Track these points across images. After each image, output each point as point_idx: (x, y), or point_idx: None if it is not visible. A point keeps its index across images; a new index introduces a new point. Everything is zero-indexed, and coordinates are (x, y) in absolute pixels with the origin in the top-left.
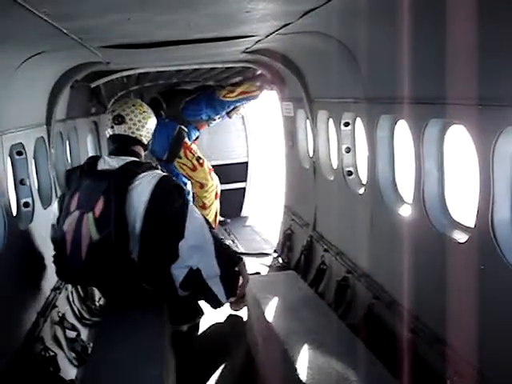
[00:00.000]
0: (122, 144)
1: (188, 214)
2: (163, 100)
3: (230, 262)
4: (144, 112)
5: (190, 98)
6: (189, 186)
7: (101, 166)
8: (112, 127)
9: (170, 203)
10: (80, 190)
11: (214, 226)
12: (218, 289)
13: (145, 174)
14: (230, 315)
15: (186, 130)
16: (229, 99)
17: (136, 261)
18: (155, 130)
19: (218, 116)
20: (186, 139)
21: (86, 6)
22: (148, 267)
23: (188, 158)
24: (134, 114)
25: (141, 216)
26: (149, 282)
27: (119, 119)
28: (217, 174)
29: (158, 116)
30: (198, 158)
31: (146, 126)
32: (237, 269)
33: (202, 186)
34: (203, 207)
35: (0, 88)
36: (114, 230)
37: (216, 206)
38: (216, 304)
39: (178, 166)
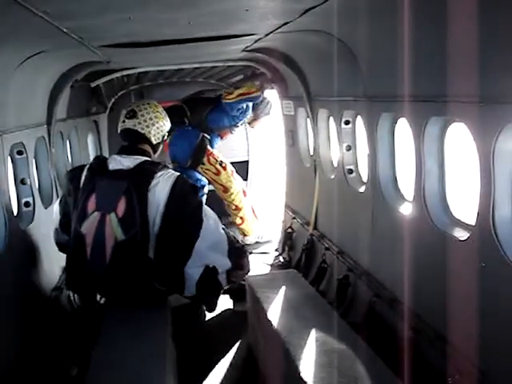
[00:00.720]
0: (131, 141)
1: (203, 214)
2: (187, 108)
3: (239, 258)
4: (157, 112)
5: (214, 106)
6: (205, 189)
7: (112, 165)
8: (124, 121)
9: (188, 203)
10: (96, 190)
11: (255, 217)
12: (224, 279)
13: (161, 172)
14: (232, 314)
15: (208, 137)
16: (229, 101)
17: (152, 259)
18: (177, 137)
19: (241, 122)
20: (209, 147)
21: (86, 5)
22: (162, 266)
23: (211, 164)
24: (146, 111)
25: (160, 215)
26: (162, 281)
27: (131, 113)
28: None
29: (181, 123)
30: (221, 163)
31: (157, 124)
32: (243, 263)
33: (225, 189)
34: (237, 209)
35: (0, 87)
36: (140, 230)
37: (248, 203)
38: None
39: (202, 171)
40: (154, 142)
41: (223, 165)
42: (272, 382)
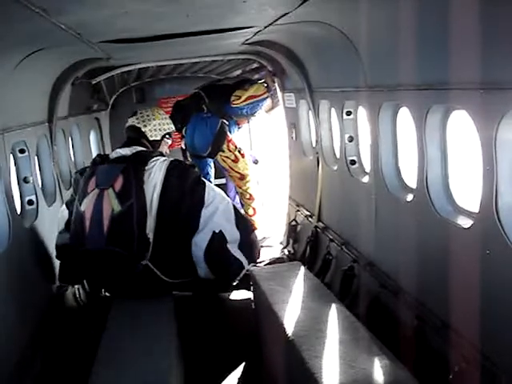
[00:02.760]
0: (130, 135)
1: (206, 183)
2: (205, 95)
3: (248, 229)
4: (156, 112)
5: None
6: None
7: (112, 155)
8: (127, 121)
9: (186, 177)
10: (96, 173)
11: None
12: (239, 254)
13: (156, 158)
14: (237, 307)
15: (227, 123)
16: (237, 105)
17: (151, 241)
18: (195, 125)
19: (258, 112)
20: (228, 133)
21: (82, 1)
22: (163, 248)
23: (231, 151)
24: (145, 110)
25: (158, 194)
26: (163, 267)
27: (133, 113)
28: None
29: (200, 110)
30: (240, 150)
31: (153, 122)
32: (253, 237)
33: (242, 177)
34: (251, 198)
35: (1, 86)
36: (136, 204)
37: (258, 194)
38: (237, 269)
39: (220, 160)
40: (150, 138)
41: (241, 152)
42: (278, 374)
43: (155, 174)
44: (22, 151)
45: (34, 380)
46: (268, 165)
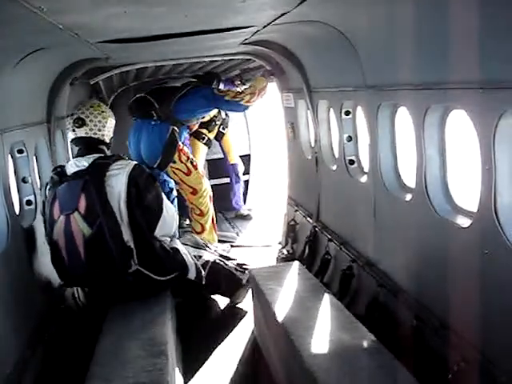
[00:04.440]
0: (87, 146)
1: (163, 204)
2: (154, 99)
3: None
4: (103, 112)
5: (180, 95)
6: (174, 192)
7: (70, 170)
8: (73, 130)
9: (148, 186)
10: (58, 196)
11: (214, 230)
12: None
13: (117, 163)
14: (236, 307)
15: (178, 130)
16: (246, 103)
17: (133, 248)
18: (142, 133)
19: (208, 114)
20: (179, 141)
21: (80, 1)
22: (147, 249)
23: (182, 162)
24: (93, 116)
25: (124, 202)
26: (152, 268)
27: (79, 122)
28: (218, 167)
29: (148, 117)
30: (192, 161)
31: (107, 125)
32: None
33: (194, 191)
34: (201, 215)
35: None
36: (104, 220)
37: (212, 210)
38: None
39: (170, 172)
40: (108, 141)
41: (194, 163)
42: (278, 374)
43: (117, 182)
44: (20, 151)
45: (32, 380)
46: (266, 164)
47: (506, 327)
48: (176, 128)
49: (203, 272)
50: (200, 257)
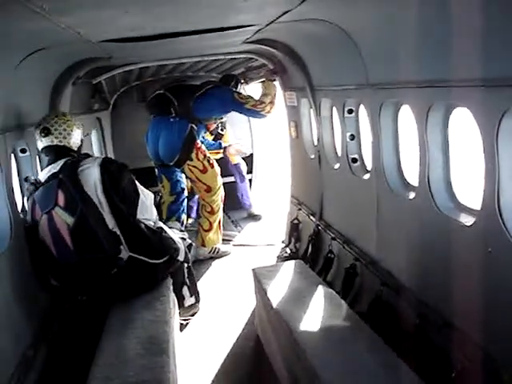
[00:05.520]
0: (55, 154)
1: (139, 190)
2: (173, 96)
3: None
4: (68, 121)
5: (200, 94)
6: (185, 192)
7: (43, 177)
8: (41, 140)
9: (121, 172)
10: (36, 201)
11: (219, 231)
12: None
13: (86, 159)
14: (239, 305)
15: (196, 128)
16: (262, 111)
17: (119, 234)
18: (161, 130)
19: (225, 115)
20: (197, 139)
21: (82, 0)
22: (135, 235)
23: (199, 160)
24: (58, 124)
25: (101, 190)
26: (145, 251)
27: (45, 131)
28: (222, 166)
29: (166, 114)
30: (209, 159)
31: (72, 133)
32: None
33: (208, 189)
34: (211, 212)
35: (1, 86)
36: (85, 208)
37: (221, 211)
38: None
39: (187, 170)
40: (76, 149)
41: (210, 161)
42: (280, 372)
43: (91, 174)
44: (23, 151)
45: (35, 379)
46: (269, 163)
47: (509, 325)
48: (194, 126)
49: (189, 255)
50: (184, 239)
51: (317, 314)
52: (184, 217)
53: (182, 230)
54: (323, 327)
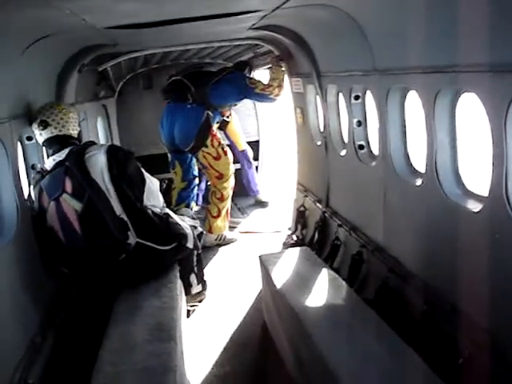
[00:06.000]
0: (58, 144)
1: (145, 176)
2: (190, 83)
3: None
4: (63, 109)
5: (216, 80)
6: (196, 180)
7: (49, 166)
8: (40, 134)
9: (127, 159)
10: (43, 188)
11: (227, 219)
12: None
13: (92, 147)
14: (245, 292)
15: (212, 115)
16: (270, 94)
17: (126, 220)
18: (177, 116)
19: (240, 102)
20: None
21: None
22: (142, 221)
23: (214, 147)
24: (54, 115)
25: (108, 177)
26: (152, 238)
27: (43, 124)
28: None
29: (183, 101)
30: (223, 147)
31: (70, 120)
32: None
33: (220, 176)
34: (221, 199)
35: (7, 74)
36: (92, 193)
37: (230, 199)
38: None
39: (201, 156)
40: (75, 135)
41: (224, 149)
42: (287, 359)
43: (97, 161)
44: (29, 138)
45: (43, 366)
46: (275, 150)
47: None
48: (210, 113)
49: (198, 242)
50: (195, 227)
51: (323, 300)
52: (193, 204)
53: (193, 218)
54: (330, 314)
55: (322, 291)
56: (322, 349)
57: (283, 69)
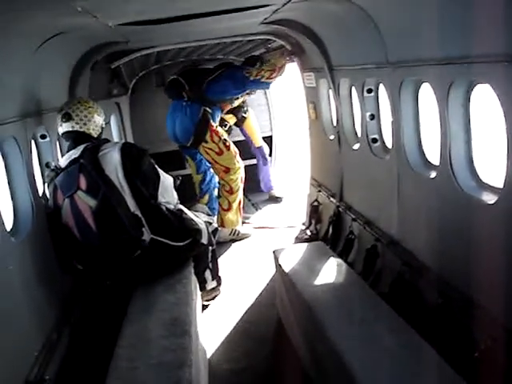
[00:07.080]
0: (75, 140)
1: (159, 172)
2: (185, 81)
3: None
4: (90, 107)
5: (213, 77)
6: (212, 170)
7: (64, 163)
8: (61, 125)
9: (141, 156)
10: (58, 186)
11: (239, 213)
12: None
13: (106, 144)
14: (260, 287)
15: (210, 111)
16: (267, 80)
17: (140, 217)
18: (176, 114)
19: (241, 95)
20: (212, 121)
21: None
22: (157, 218)
23: (214, 142)
24: (79, 110)
25: (122, 174)
26: (167, 234)
27: (66, 117)
28: (241, 149)
29: (180, 98)
30: (225, 141)
31: (93, 119)
32: None
33: (227, 170)
34: (230, 192)
35: (20, 71)
36: (106, 189)
37: (241, 192)
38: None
39: (203, 152)
40: (95, 136)
41: (227, 144)
42: (302, 353)
43: (111, 158)
44: (43, 136)
45: (59, 362)
46: (288, 145)
47: None
48: (208, 109)
49: (213, 238)
50: (210, 223)
51: (338, 295)
52: (216, 193)
53: (209, 214)
54: (345, 308)
55: (337, 285)
56: (337, 343)
57: (283, 58)
